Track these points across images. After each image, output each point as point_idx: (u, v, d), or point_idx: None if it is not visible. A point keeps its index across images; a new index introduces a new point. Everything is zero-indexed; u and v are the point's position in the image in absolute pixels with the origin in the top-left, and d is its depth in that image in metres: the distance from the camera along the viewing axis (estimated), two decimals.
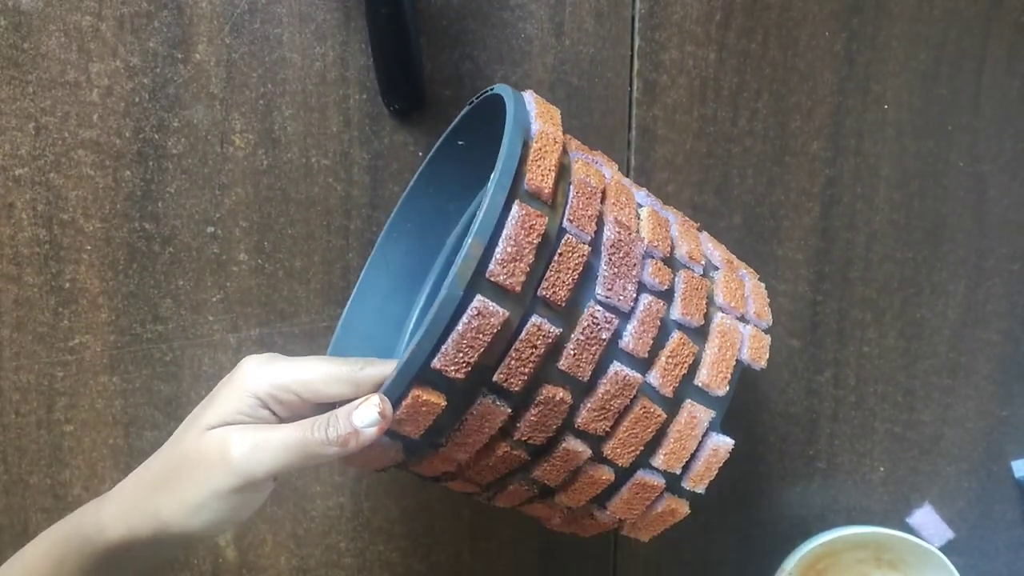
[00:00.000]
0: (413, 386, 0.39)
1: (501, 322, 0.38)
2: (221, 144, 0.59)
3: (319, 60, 0.58)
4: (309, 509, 0.62)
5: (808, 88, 0.62)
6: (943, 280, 0.66)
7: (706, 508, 0.66)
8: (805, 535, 0.65)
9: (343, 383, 0.40)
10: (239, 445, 0.39)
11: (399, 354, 0.58)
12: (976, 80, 0.64)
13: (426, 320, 0.38)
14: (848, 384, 0.66)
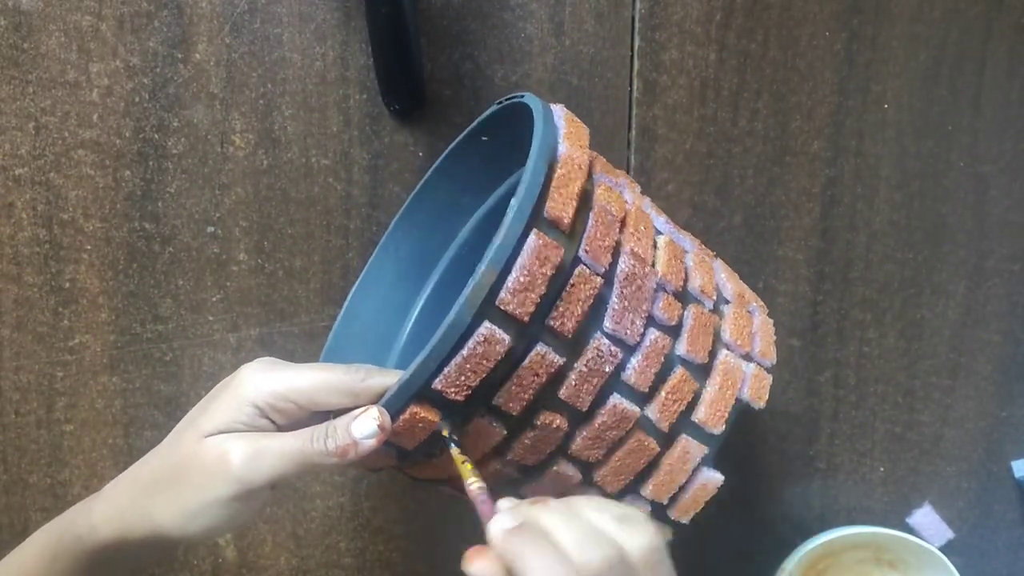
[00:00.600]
0: (412, 403, 0.39)
1: (506, 349, 0.38)
2: (221, 144, 0.59)
3: (319, 60, 0.58)
4: (309, 509, 0.62)
5: (808, 88, 0.62)
6: (943, 280, 0.66)
7: (706, 508, 0.66)
8: (805, 535, 0.65)
9: (342, 394, 0.40)
10: (238, 453, 0.39)
11: (400, 343, 0.58)
12: (977, 81, 0.64)
13: (431, 341, 0.37)
14: (848, 384, 0.66)
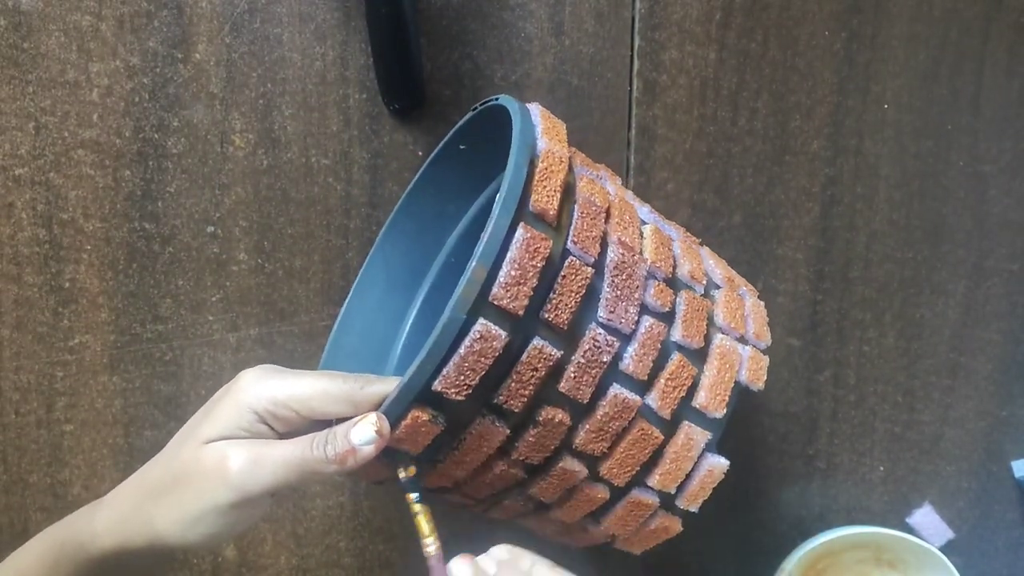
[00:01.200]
0: (412, 407, 0.38)
1: (503, 345, 0.38)
2: (221, 144, 0.59)
3: (319, 60, 0.58)
4: (309, 509, 0.62)
5: (808, 88, 0.62)
6: (943, 280, 0.66)
7: (706, 508, 0.66)
8: (805, 535, 0.65)
9: (341, 402, 0.40)
10: (238, 460, 0.38)
11: (396, 352, 0.58)
12: (976, 80, 0.64)
13: (428, 342, 0.37)
14: (848, 384, 0.66)
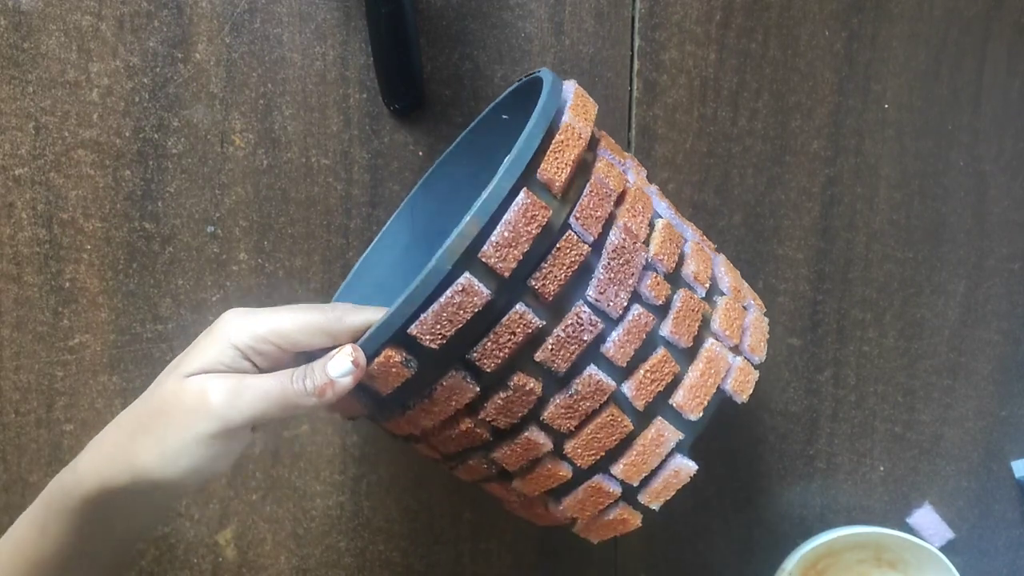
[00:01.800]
0: (387, 346, 0.39)
1: (484, 303, 0.39)
2: (221, 144, 0.59)
3: (319, 60, 0.58)
4: (309, 509, 0.62)
5: (808, 88, 0.62)
6: (943, 280, 0.66)
7: (706, 508, 0.66)
8: (805, 535, 0.65)
9: (320, 333, 0.40)
10: (218, 391, 0.39)
11: None
12: (976, 80, 0.64)
13: (410, 286, 0.38)
14: (848, 384, 0.66)
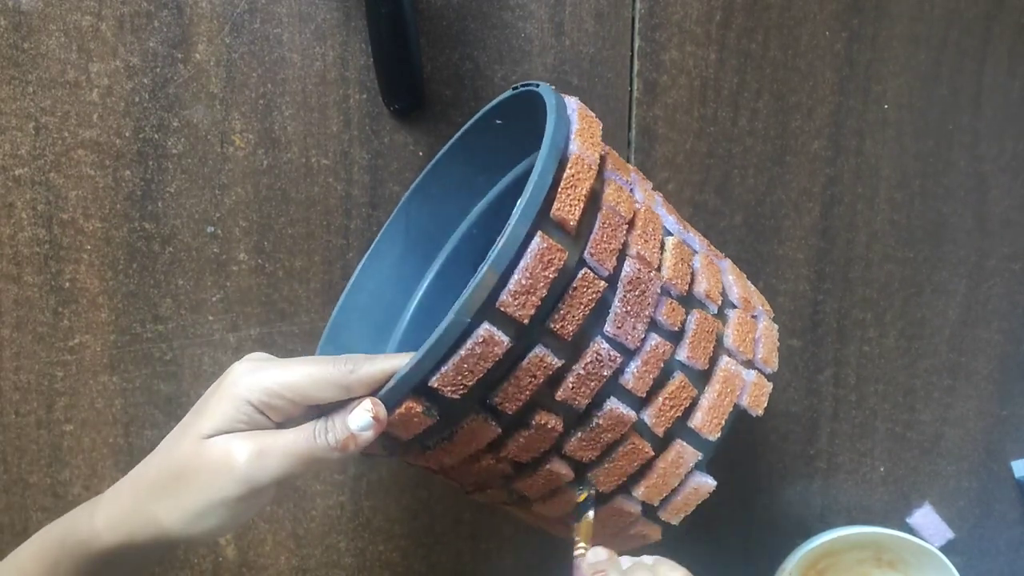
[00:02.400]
0: (407, 399, 0.38)
1: (504, 351, 0.38)
2: (221, 144, 0.59)
3: (319, 60, 0.58)
4: (309, 509, 0.62)
5: (808, 88, 0.62)
6: (943, 280, 0.66)
7: (706, 508, 0.66)
8: (805, 535, 0.65)
9: (334, 387, 0.40)
10: (243, 453, 0.39)
11: (406, 317, 0.58)
12: (977, 80, 0.64)
13: (430, 339, 0.37)
14: (848, 383, 0.66)
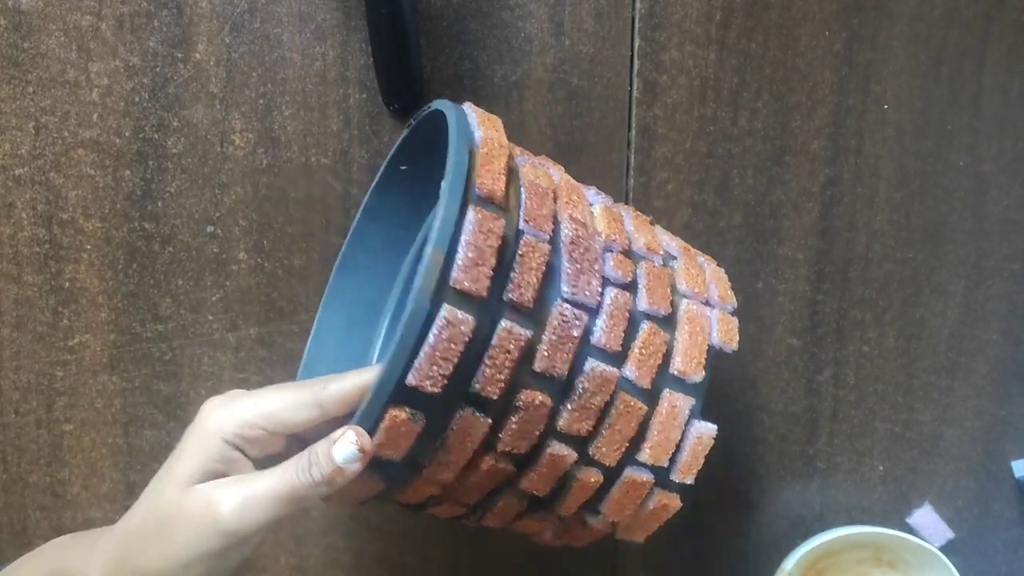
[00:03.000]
0: (389, 407, 0.37)
1: (471, 329, 0.38)
2: (221, 144, 0.59)
3: (319, 60, 0.58)
4: (308, 508, 0.62)
5: (808, 88, 0.62)
6: (943, 280, 0.66)
7: (706, 508, 0.66)
8: (805, 535, 0.65)
9: (308, 407, 0.39)
10: (227, 504, 0.37)
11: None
12: (976, 80, 0.64)
13: (395, 337, 0.37)
14: (848, 383, 0.66)
